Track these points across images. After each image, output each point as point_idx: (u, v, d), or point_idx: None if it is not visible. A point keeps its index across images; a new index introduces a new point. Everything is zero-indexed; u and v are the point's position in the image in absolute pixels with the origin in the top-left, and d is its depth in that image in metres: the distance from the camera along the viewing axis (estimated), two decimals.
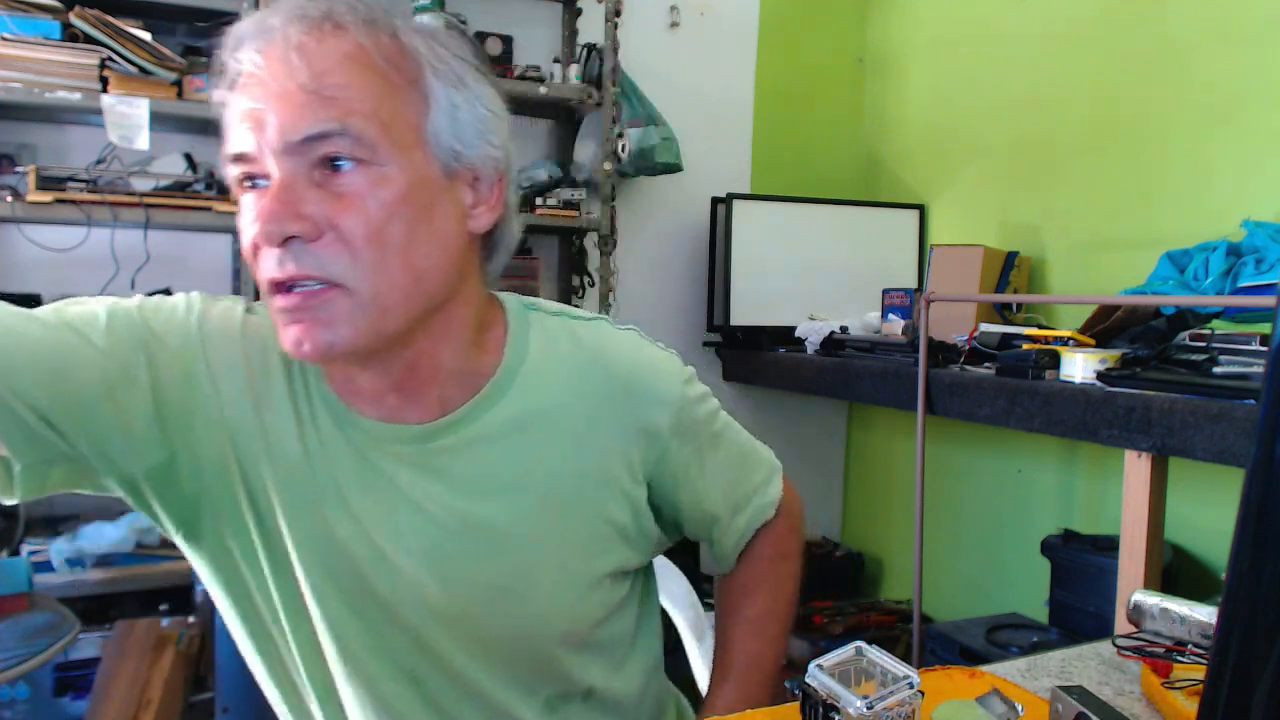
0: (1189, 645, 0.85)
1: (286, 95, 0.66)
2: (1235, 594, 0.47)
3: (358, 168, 0.67)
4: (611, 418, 0.82)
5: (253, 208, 0.68)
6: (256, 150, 0.67)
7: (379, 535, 0.76)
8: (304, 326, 0.67)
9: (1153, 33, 2.29)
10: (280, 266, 0.66)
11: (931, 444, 2.13)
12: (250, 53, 0.68)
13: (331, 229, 0.66)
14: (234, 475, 0.75)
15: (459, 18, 2.61)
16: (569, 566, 0.81)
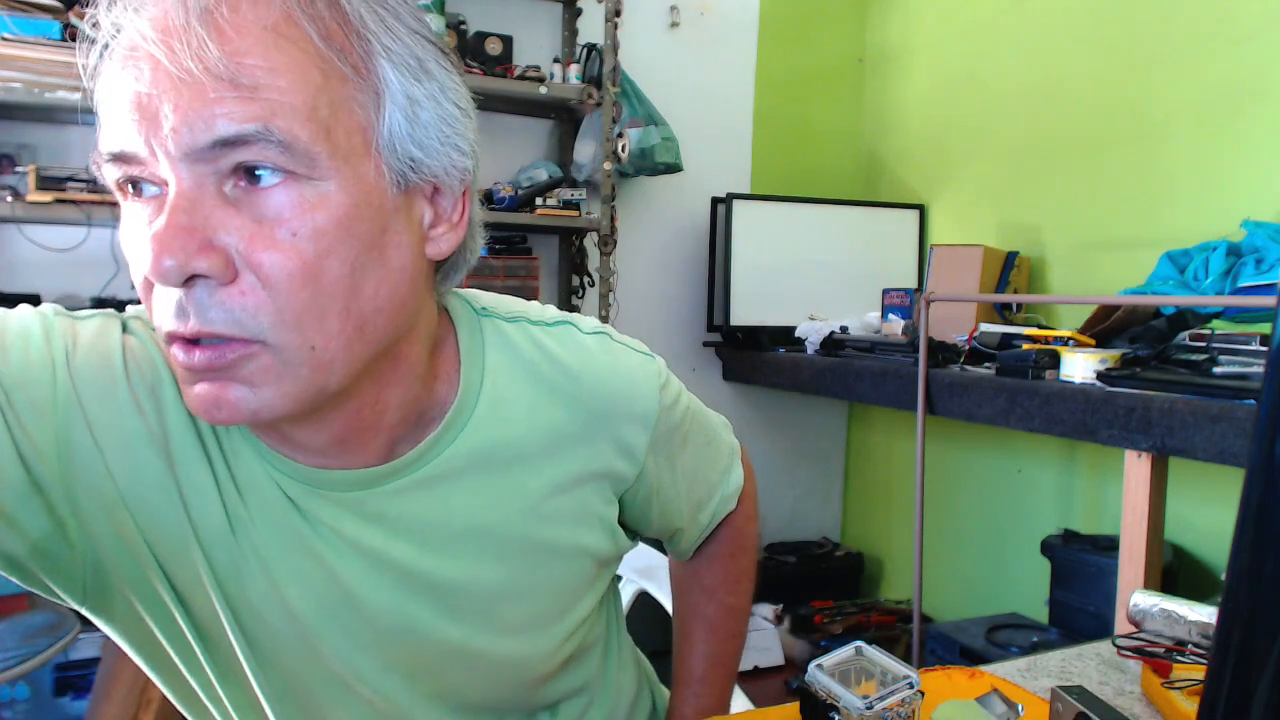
0: (1189, 645, 0.85)
1: (189, 81, 0.49)
2: (1235, 594, 0.47)
3: (286, 182, 0.51)
4: (584, 439, 0.70)
5: (141, 222, 0.52)
6: (146, 151, 0.51)
7: (326, 599, 0.63)
8: (216, 388, 0.52)
9: (1152, 33, 2.29)
10: (179, 319, 0.50)
11: (931, 444, 2.14)
12: (132, 13, 0.51)
13: (250, 267, 0.50)
14: (138, 548, 0.59)
15: (459, 18, 2.61)
16: (543, 614, 0.71)
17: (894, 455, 3.15)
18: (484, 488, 0.66)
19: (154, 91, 0.50)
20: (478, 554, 0.67)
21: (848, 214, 3.06)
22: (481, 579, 0.68)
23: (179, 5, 0.50)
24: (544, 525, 0.69)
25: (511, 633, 0.70)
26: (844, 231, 3.03)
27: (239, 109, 0.49)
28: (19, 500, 0.55)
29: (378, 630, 0.65)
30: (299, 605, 0.63)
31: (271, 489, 0.61)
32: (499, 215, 2.54)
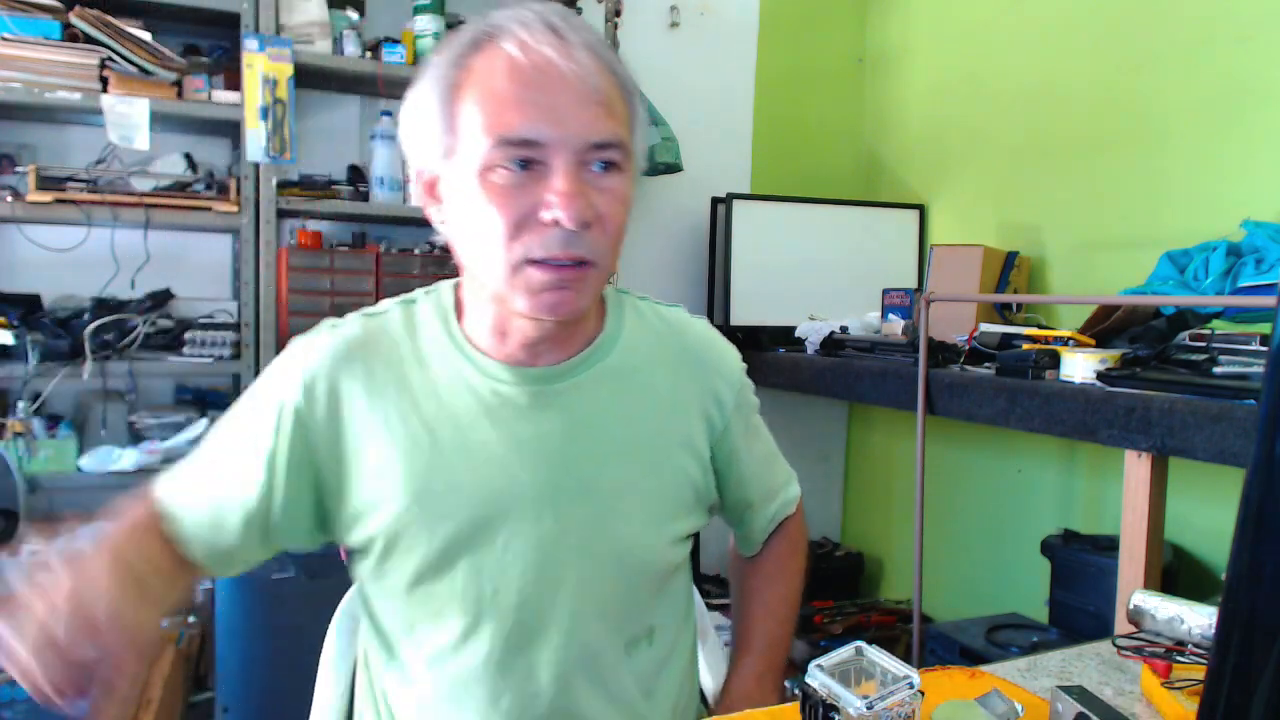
0: (1189, 645, 0.85)
1: (587, 102, 0.77)
2: (1235, 594, 0.47)
3: (617, 172, 0.81)
4: (688, 382, 0.95)
5: (520, 187, 0.77)
6: (551, 142, 0.76)
7: (505, 465, 0.85)
8: (564, 294, 0.80)
9: (1152, 33, 2.29)
10: (565, 246, 0.77)
11: (931, 444, 2.13)
12: (542, 46, 0.77)
13: (599, 220, 0.79)
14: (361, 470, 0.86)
15: (459, 18, 2.61)
16: (654, 512, 0.91)
17: (894, 455, 3.15)
18: (620, 399, 0.90)
19: (564, 104, 0.77)
20: (617, 446, 0.89)
21: (848, 214, 3.06)
22: (617, 468, 0.89)
23: (579, 49, 0.78)
24: (660, 438, 0.92)
25: (630, 521, 0.89)
26: (844, 231, 3.02)
27: (611, 125, 0.79)
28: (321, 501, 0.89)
29: (538, 498, 0.85)
30: (474, 472, 0.85)
31: (466, 389, 0.87)
32: None
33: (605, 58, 0.80)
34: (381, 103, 2.54)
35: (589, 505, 0.87)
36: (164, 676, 2.04)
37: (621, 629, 0.91)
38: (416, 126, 0.83)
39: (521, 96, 0.76)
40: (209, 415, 2.30)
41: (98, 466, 2.10)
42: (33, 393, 2.09)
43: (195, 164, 2.39)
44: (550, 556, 0.86)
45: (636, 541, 0.90)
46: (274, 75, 2.24)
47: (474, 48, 0.80)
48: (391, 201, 2.43)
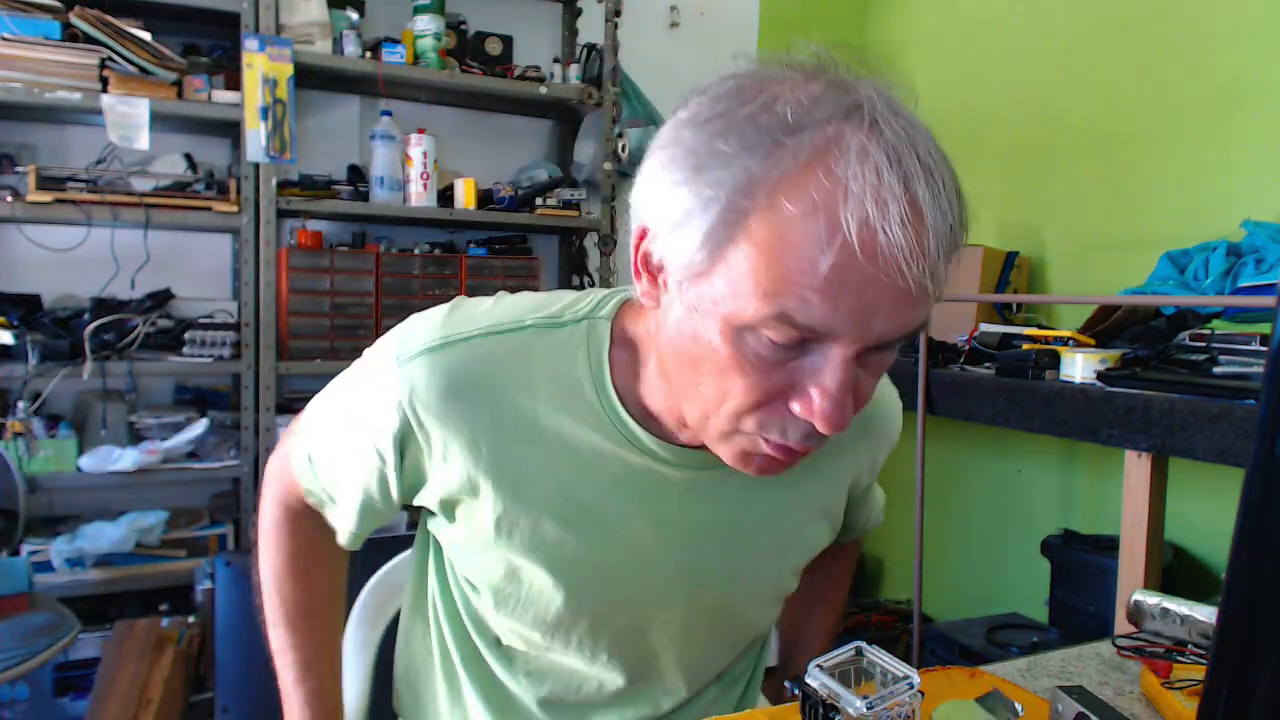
0: (1189, 645, 0.85)
1: (908, 295, 0.57)
2: (1235, 594, 0.47)
3: (884, 353, 0.63)
4: (854, 455, 0.86)
5: (778, 363, 0.60)
6: (841, 334, 0.58)
7: (645, 548, 0.78)
8: (779, 466, 0.67)
9: (1153, 33, 2.29)
10: (807, 441, 0.64)
11: (931, 444, 2.13)
12: (892, 225, 0.55)
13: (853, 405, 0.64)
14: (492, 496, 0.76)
15: (459, 18, 2.61)
16: (780, 591, 0.89)
17: (894, 455, 3.14)
18: (782, 481, 0.78)
19: (876, 300, 0.57)
20: (755, 533, 0.82)
21: None
22: (752, 554, 0.82)
23: (927, 222, 0.56)
24: (806, 510, 0.85)
25: (760, 601, 0.87)
26: None
27: (916, 316, 0.59)
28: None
29: (669, 584, 0.80)
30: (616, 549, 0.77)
31: (617, 459, 0.75)
32: (499, 215, 2.54)
33: (948, 209, 0.59)
34: (381, 103, 2.54)
35: (723, 591, 0.83)
36: (164, 676, 2.04)
37: (721, 680, 0.94)
38: (672, 211, 0.61)
39: (839, 289, 0.56)
40: (209, 415, 2.30)
41: (98, 466, 2.11)
42: (33, 393, 2.09)
43: (195, 164, 2.39)
44: (673, 637, 0.84)
45: (757, 615, 0.90)
46: (274, 75, 2.24)
47: (796, 161, 0.56)
48: (391, 201, 2.43)
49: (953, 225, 0.59)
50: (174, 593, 2.22)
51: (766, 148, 0.57)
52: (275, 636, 0.91)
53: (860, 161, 0.56)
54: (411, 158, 2.43)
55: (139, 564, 2.17)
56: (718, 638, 0.88)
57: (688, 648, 0.86)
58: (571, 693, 0.86)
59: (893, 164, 0.56)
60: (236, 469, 2.29)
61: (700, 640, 0.86)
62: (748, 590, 0.85)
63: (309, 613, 0.91)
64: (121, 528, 2.13)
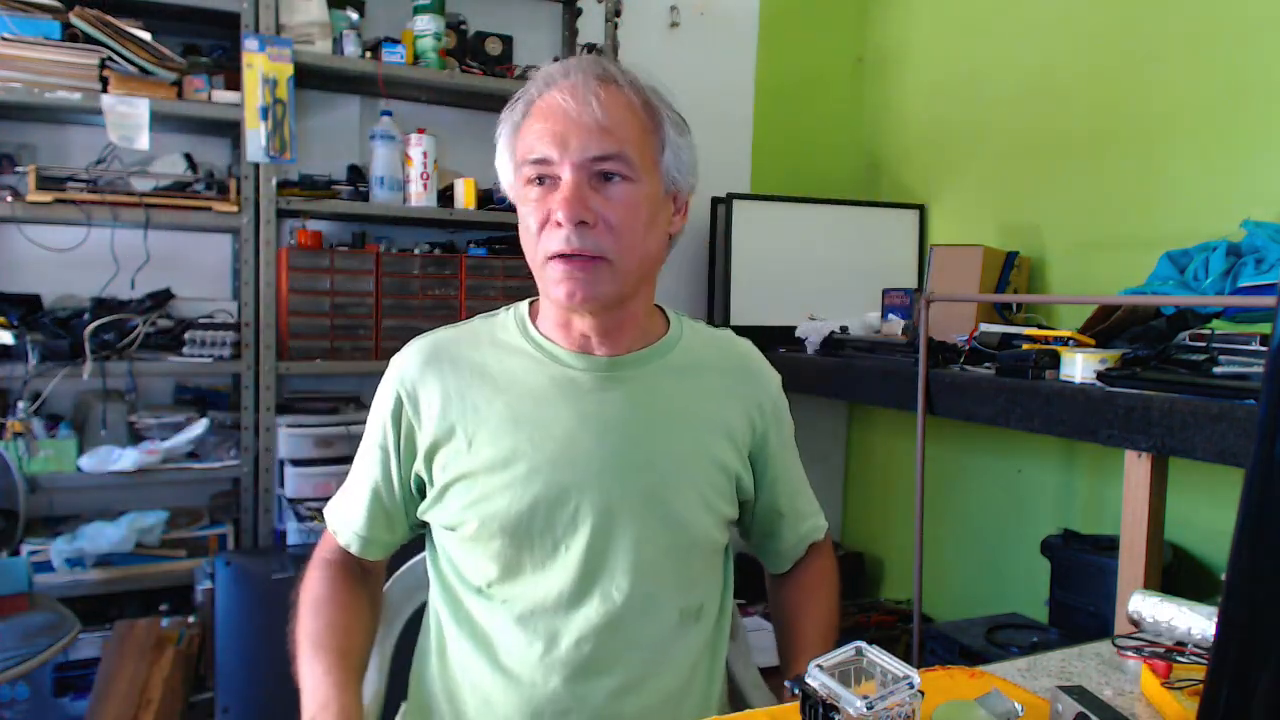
0: (1189, 645, 0.85)
1: (586, 126, 0.94)
2: (1235, 594, 0.47)
3: (622, 181, 0.96)
4: (736, 387, 1.09)
5: (541, 197, 0.96)
6: (557, 159, 0.94)
7: (577, 438, 0.99)
8: (577, 284, 0.95)
9: (1152, 32, 2.29)
10: (568, 242, 0.94)
11: (931, 444, 2.14)
12: (559, 92, 0.96)
13: (603, 220, 0.95)
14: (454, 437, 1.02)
15: (459, 18, 2.61)
16: (702, 489, 1.04)
17: (894, 455, 3.15)
18: (677, 390, 1.05)
19: (566, 130, 0.95)
20: (671, 428, 1.03)
21: (848, 214, 3.06)
22: (672, 445, 1.03)
23: (584, 88, 0.96)
24: (709, 426, 1.05)
25: (681, 493, 1.02)
26: (844, 231, 3.02)
27: (608, 141, 0.95)
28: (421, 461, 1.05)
29: (603, 469, 0.99)
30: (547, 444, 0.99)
31: (541, 374, 1.03)
32: (499, 215, 2.54)
33: (620, 91, 0.98)
34: (381, 103, 2.54)
35: (648, 476, 1.00)
36: (164, 676, 2.04)
37: (675, 596, 1.02)
38: (500, 163, 1.03)
39: (539, 129, 0.96)
40: (209, 415, 2.30)
41: (98, 466, 2.11)
42: (33, 393, 2.09)
43: (195, 164, 2.39)
44: (614, 518, 0.98)
45: (687, 513, 1.02)
46: (274, 75, 2.24)
47: (529, 99, 1.00)
48: (391, 201, 2.43)
49: (613, 88, 0.97)
50: (174, 593, 2.22)
51: (523, 101, 1.01)
52: (303, 657, 1.01)
53: (550, 76, 0.99)
54: (411, 158, 2.43)
55: (139, 564, 2.17)
56: (651, 527, 1.00)
57: (627, 535, 0.99)
58: (539, 604, 0.99)
59: (560, 71, 0.99)
60: (236, 469, 2.29)
61: (636, 528, 0.99)
62: (667, 480, 1.01)
63: (337, 629, 1.03)
64: (121, 528, 2.13)
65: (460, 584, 1.04)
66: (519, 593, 1.00)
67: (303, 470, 2.28)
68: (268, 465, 2.31)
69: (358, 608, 1.07)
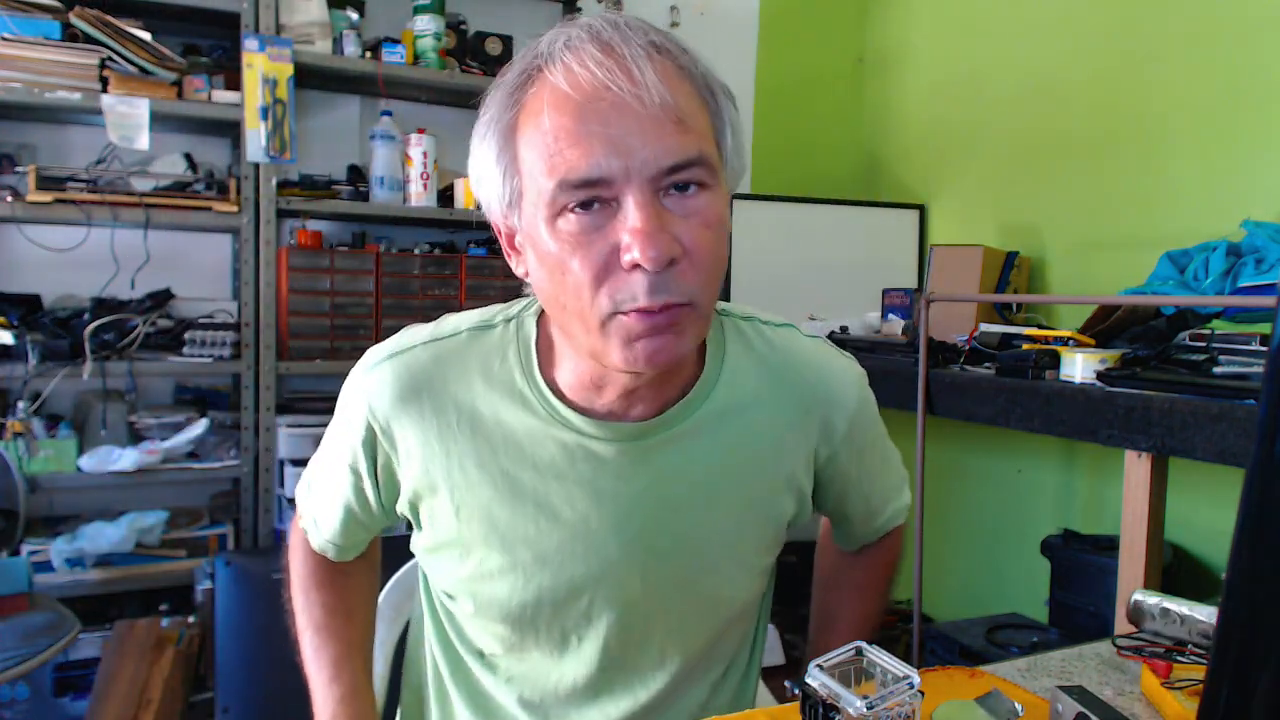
0: (1189, 645, 0.85)
1: (654, 119, 0.66)
2: (1235, 594, 0.47)
3: (700, 190, 0.69)
4: (797, 418, 0.86)
5: (591, 231, 0.67)
6: (619, 176, 0.66)
7: (591, 526, 0.80)
8: (664, 340, 0.69)
9: (1152, 32, 2.28)
10: (653, 295, 0.67)
11: (931, 444, 2.13)
12: (589, 62, 0.66)
13: (686, 252, 0.68)
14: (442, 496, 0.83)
15: (459, 18, 2.61)
16: (745, 554, 0.86)
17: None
18: (718, 446, 0.82)
19: (624, 130, 0.65)
20: (703, 500, 0.82)
21: (848, 214, 3.06)
22: (703, 523, 0.83)
23: (631, 62, 0.66)
24: (758, 481, 0.85)
25: (719, 570, 0.85)
26: (844, 231, 3.02)
27: (687, 141, 0.67)
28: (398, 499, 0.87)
29: (623, 559, 0.81)
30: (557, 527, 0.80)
31: (548, 438, 0.80)
32: None
33: (674, 60, 0.69)
34: (381, 103, 2.54)
35: (679, 561, 0.83)
36: (164, 676, 2.04)
37: (709, 670, 0.91)
38: (481, 177, 0.74)
39: (577, 131, 0.66)
40: (209, 415, 2.30)
41: (98, 466, 2.11)
42: (33, 393, 2.09)
43: (195, 164, 2.39)
44: (636, 616, 0.83)
45: (727, 588, 0.86)
46: (274, 75, 2.24)
47: (523, 82, 0.70)
48: (391, 201, 2.43)
49: (659, 52, 0.68)
50: (174, 593, 2.22)
51: (509, 79, 0.71)
52: (306, 643, 0.93)
53: (561, 43, 0.68)
54: (411, 158, 2.43)
55: (139, 564, 2.17)
56: (685, 616, 0.85)
57: (655, 630, 0.85)
58: (550, 692, 0.86)
59: (586, 33, 0.68)
60: (236, 469, 2.29)
61: (666, 621, 0.85)
62: (704, 561, 0.83)
63: (337, 611, 0.94)
64: (121, 528, 2.13)
65: (460, 644, 0.91)
66: (524, 672, 0.87)
67: (303, 470, 2.28)
68: (268, 465, 2.31)
69: (357, 582, 0.97)
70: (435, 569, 0.88)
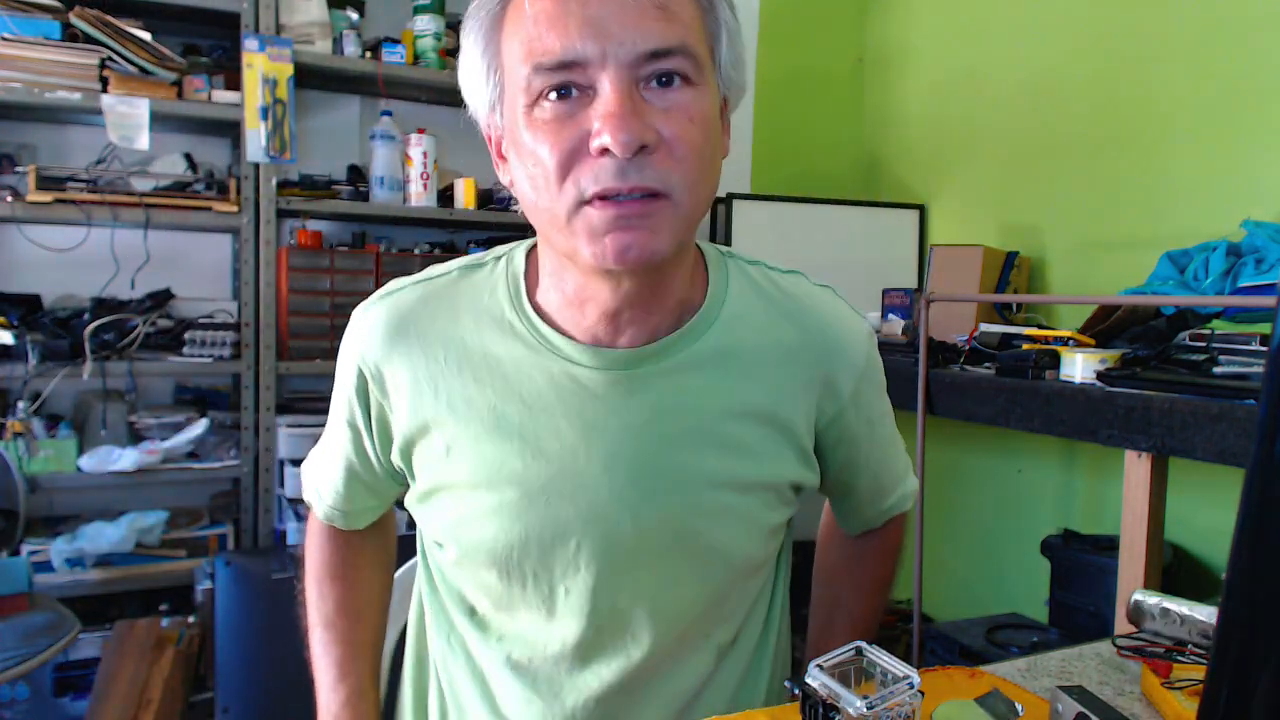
0: (1189, 645, 0.85)
1: (636, 5, 0.65)
2: (1235, 594, 0.47)
3: (684, 85, 0.67)
4: (801, 367, 0.82)
5: (564, 117, 0.66)
6: (594, 57, 0.65)
7: (578, 460, 0.77)
8: (634, 234, 0.67)
9: (1153, 32, 2.28)
10: (621, 177, 0.65)
11: (931, 444, 2.13)
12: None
13: (665, 143, 0.67)
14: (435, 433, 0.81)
15: (459, 18, 2.61)
16: (747, 509, 0.81)
17: None
18: (717, 386, 0.79)
19: (605, 13, 0.64)
20: (701, 441, 0.78)
21: (848, 214, 3.06)
22: (700, 466, 0.78)
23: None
24: (759, 429, 0.80)
25: (718, 521, 0.80)
26: (844, 231, 3.02)
27: (669, 29, 0.66)
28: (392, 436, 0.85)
29: (615, 497, 0.77)
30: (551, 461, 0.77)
31: (538, 368, 0.78)
32: (499, 215, 2.54)
33: None
34: (381, 103, 2.54)
35: (671, 504, 0.78)
36: (164, 676, 2.04)
37: (711, 635, 0.85)
38: (468, 78, 0.75)
39: (555, 12, 0.65)
40: (209, 415, 2.30)
41: (98, 466, 2.11)
42: (33, 393, 2.09)
43: (195, 164, 2.39)
44: (627, 563, 0.78)
45: (725, 542, 0.80)
46: (274, 75, 2.24)
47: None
48: (391, 201, 2.43)
49: None
50: (174, 593, 2.22)
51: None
52: (315, 640, 0.93)
53: None
54: (411, 158, 2.43)
55: (139, 564, 2.17)
56: (679, 568, 0.80)
57: (647, 582, 0.80)
58: (539, 652, 0.82)
59: None
60: (236, 469, 2.29)
61: (659, 571, 0.80)
62: (698, 506, 0.79)
63: (347, 611, 0.93)
64: (121, 528, 2.13)
65: (451, 600, 0.89)
66: (514, 632, 0.84)
67: None
68: (268, 465, 2.31)
69: (369, 577, 0.96)
70: (426, 517, 0.85)
